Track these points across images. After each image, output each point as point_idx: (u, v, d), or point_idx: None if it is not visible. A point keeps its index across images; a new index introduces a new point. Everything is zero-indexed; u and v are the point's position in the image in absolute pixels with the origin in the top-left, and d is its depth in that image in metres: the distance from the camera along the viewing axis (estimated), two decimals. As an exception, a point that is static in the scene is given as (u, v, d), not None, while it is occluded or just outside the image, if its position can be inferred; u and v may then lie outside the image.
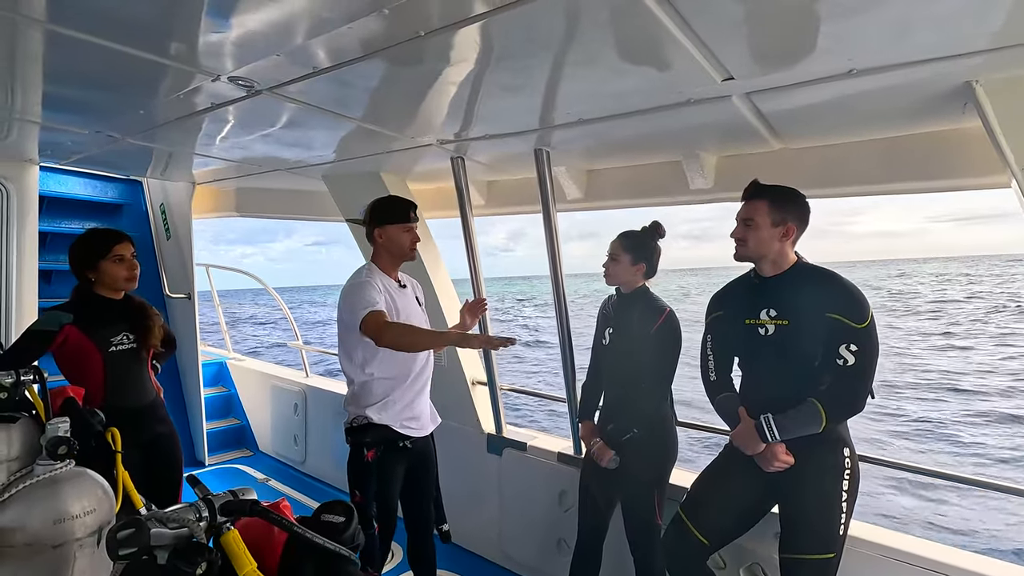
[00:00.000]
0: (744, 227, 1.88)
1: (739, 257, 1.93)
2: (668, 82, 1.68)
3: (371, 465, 2.09)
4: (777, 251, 1.86)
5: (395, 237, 2.18)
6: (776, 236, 1.84)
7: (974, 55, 1.40)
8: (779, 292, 1.86)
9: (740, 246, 1.91)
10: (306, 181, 3.62)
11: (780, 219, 1.83)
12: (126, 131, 2.57)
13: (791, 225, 1.84)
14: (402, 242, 2.19)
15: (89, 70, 1.81)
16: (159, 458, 2.28)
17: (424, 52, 1.53)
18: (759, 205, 1.85)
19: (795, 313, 1.81)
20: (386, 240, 2.18)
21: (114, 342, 2.19)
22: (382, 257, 2.22)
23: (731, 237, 1.93)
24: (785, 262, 1.88)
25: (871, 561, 1.99)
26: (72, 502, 1.00)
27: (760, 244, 1.86)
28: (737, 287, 2.05)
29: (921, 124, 1.96)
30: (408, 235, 2.20)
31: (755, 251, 1.88)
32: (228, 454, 4.95)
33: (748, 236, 1.87)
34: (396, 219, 2.19)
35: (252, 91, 1.89)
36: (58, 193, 4.23)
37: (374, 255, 2.25)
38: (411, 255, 2.22)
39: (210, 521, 0.78)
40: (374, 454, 2.10)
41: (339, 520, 0.91)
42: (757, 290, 1.93)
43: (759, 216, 1.84)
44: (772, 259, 1.88)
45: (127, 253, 2.23)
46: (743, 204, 1.91)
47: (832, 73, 1.54)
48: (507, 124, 2.24)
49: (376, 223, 2.19)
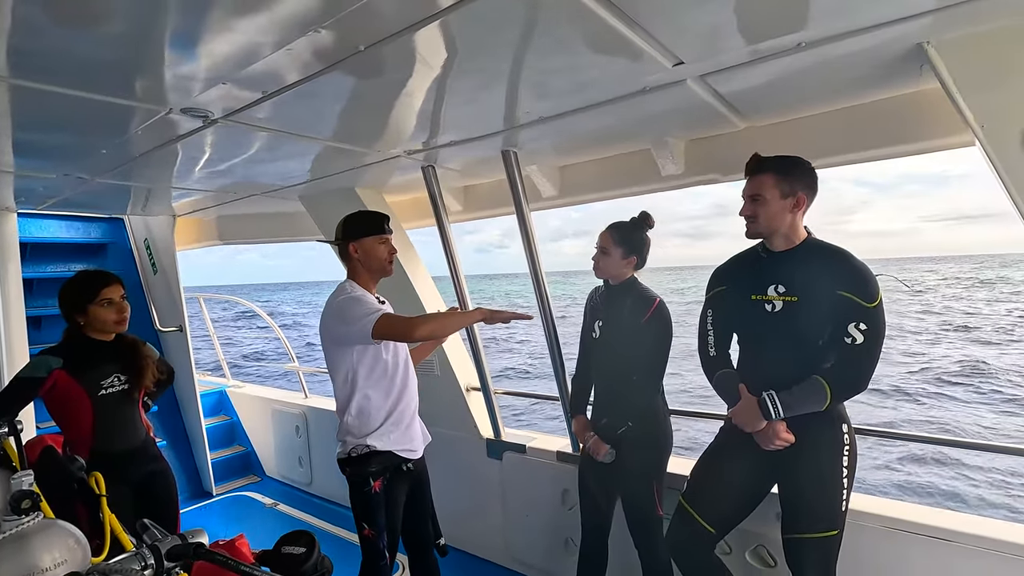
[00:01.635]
0: (752, 203, 1.82)
1: (751, 235, 1.87)
2: (622, 72, 1.67)
3: (379, 496, 2.02)
4: (789, 224, 1.80)
5: (371, 250, 2.10)
6: (787, 208, 1.78)
7: (922, 16, 1.38)
8: (789, 268, 1.81)
9: (750, 223, 1.84)
10: (284, 203, 3.62)
11: (789, 190, 1.77)
12: (93, 171, 2.57)
13: (801, 195, 1.78)
14: (379, 254, 2.11)
15: (49, 116, 1.83)
16: (152, 496, 2.26)
17: (373, 65, 1.52)
18: (764, 179, 1.80)
19: (805, 290, 1.77)
20: (362, 254, 2.11)
21: (104, 385, 2.17)
22: (360, 274, 2.14)
23: (740, 215, 1.87)
24: (796, 236, 1.83)
25: (874, 533, 1.98)
26: (42, 555, 0.98)
27: (771, 219, 1.80)
28: (742, 262, 1.99)
29: (882, 90, 1.94)
30: (384, 247, 2.13)
31: (767, 226, 1.82)
32: (236, 482, 4.94)
33: (758, 212, 1.81)
34: (371, 231, 2.12)
35: (208, 120, 1.88)
36: (40, 238, 4.23)
37: (350, 272, 2.16)
38: (389, 268, 2.15)
39: (156, 568, 0.77)
40: (381, 483, 2.03)
41: (299, 551, 0.89)
42: (765, 265, 1.87)
43: (766, 190, 1.79)
44: (784, 233, 1.82)
45: (116, 296, 2.20)
46: (748, 180, 1.85)
47: (781, 48, 1.52)
48: (472, 129, 2.23)
49: (351, 237, 2.12)
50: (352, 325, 1.93)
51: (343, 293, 2.06)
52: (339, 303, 2.02)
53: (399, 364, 2.15)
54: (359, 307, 1.95)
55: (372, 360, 2.06)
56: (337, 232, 2.18)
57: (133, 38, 1.31)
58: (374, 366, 2.07)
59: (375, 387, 2.06)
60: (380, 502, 2.02)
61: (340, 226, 2.17)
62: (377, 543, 2.02)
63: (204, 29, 1.27)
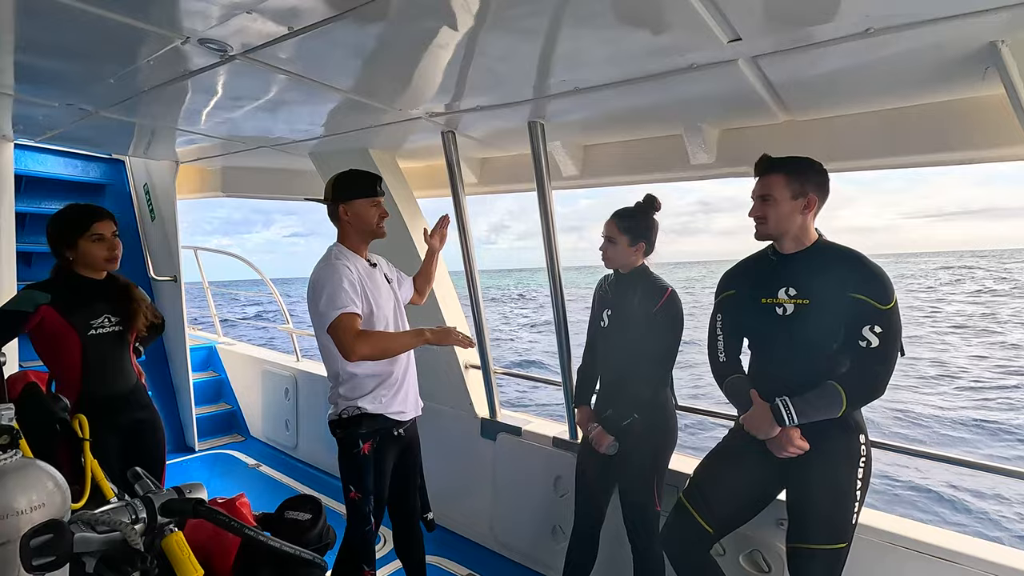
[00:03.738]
0: (762, 204, 1.77)
1: (760, 236, 1.82)
2: (670, 45, 1.57)
3: (367, 458, 1.97)
4: (799, 225, 1.75)
5: (362, 213, 2.02)
6: (797, 209, 1.73)
7: (1002, 10, 1.29)
8: (800, 270, 1.76)
9: (760, 224, 1.79)
10: (293, 159, 3.50)
11: (799, 191, 1.72)
12: (99, 103, 2.44)
13: (812, 196, 1.73)
14: (369, 217, 2.03)
15: (56, 35, 1.70)
16: (139, 445, 2.19)
17: (410, 9, 1.41)
18: (775, 179, 1.74)
19: (817, 292, 1.72)
20: (352, 216, 2.03)
21: (94, 325, 2.08)
22: (350, 236, 2.07)
23: (749, 216, 1.82)
24: (807, 238, 1.77)
25: (878, 549, 1.94)
26: (17, 496, 0.90)
27: (781, 220, 1.75)
28: (752, 265, 1.94)
29: (935, 93, 1.86)
30: (376, 209, 2.05)
31: (776, 228, 1.77)
32: (219, 439, 4.88)
33: (767, 213, 1.76)
34: (362, 193, 2.03)
35: (225, 56, 1.77)
36: (36, 172, 4.08)
37: (340, 235, 2.09)
38: (380, 231, 2.07)
39: (148, 523, 0.69)
40: (370, 446, 1.98)
41: (305, 518, 0.82)
42: (775, 268, 1.82)
43: (776, 190, 1.73)
44: (794, 235, 1.77)
45: (107, 232, 2.11)
46: (757, 181, 1.80)
47: (847, 33, 1.43)
48: (500, 94, 2.12)
49: (341, 199, 2.03)
50: (318, 310, 1.89)
51: (327, 260, 1.99)
52: (320, 273, 1.95)
53: (390, 327, 2.08)
54: (333, 293, 1.88)
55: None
56: (326, 191, 2.09)
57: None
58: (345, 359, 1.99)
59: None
60: (369, 464, 1.99)
61: (329, 185, 2.07)
62: (363, 506, 1.98)
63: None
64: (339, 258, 2.00)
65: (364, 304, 1.97)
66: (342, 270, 1.93)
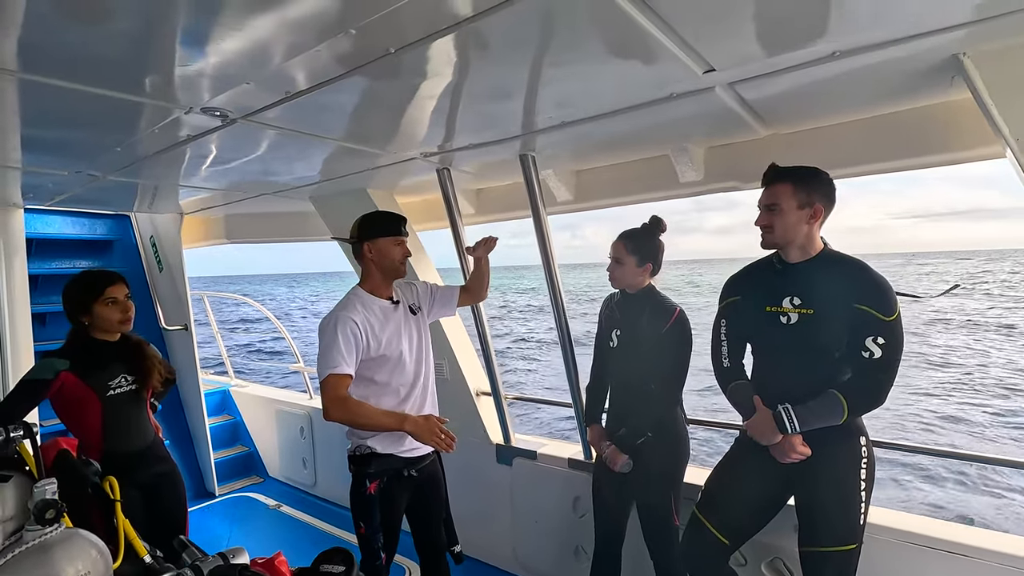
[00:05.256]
0: (768, 213, 1.80)
1: (766, 245, 1.84)
2: (649, 79, 1.65)
3: (373, 498, 2.02)
4: (805, 235, 1.77)
5: (386, 251, 2.09)
6: (803, 219, 1.75)
7: (960, 27, 1.36)
8: (805, 280, 1.79)
9: (766, 233, 1.81)
10: (294, 203, 3.59)
11: (806, 200, 1.75)
12: (106, 169, 2.54)
13: (818, 206, 1.75)
14: (394, 256, 2.10)
15: (63, 113, 1.80)
16: (161, 498, 2.23)
17: (398, 68, 1.49)
18: (782, 188, 1.77)
19: (821, 302, 1.74)
20: (376, 254, 2.10)
21: (112, 386, 2.14)
22: (373, 276, 2.13)
23: (756, 225, 1.85)
24: (813, 247, 1.80)
25: (892, 547, 1.96)
26: (65, 566, 0.96)
27: (787, 229, 1.77)
28: (757, 272, 1.96)
29: (909, 100, 1.92)
30: (400, 248, 2.12)
31: (782, 237, 1.79)
32: (238, 482, 4.90)
33: (774, 222, 1.78)
34: (388, 232, 2.11)
35: (227, 120, 1.85)
36: (46, 234, 4.19)
37: (364, 276, 2.16)
38: (402, 271, 2.14)
39: (198, 590, 0.74)
40: (376, 487, 2.03)
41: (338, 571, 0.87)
42: (780, 276, 1.85)
43: (783, 200, 1.76)
44: (800, 244, 1.79)
45: (120, 295, 2.17)
46: (764, 190, 1.83)
47: (815, 57, 1.50)
48: (490, 132, 2.20)
49: (366, 237, 2.10)
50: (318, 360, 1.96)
51: (334, 311, 2.05)
52: (323, 327, 2.01)
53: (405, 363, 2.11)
54: (330, 349, 1.94)
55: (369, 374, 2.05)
56: (352, 231, 2.17)
57: (155, 36, 1.28)
58: (369, 380, 2.06)
59: (374, 397, 2.05)
60: (374, 503, 2.03)
61: (356, 225, 2.16)
62: (372, 542, 2.02)
63: (229, 28, 1.24)
64: (346, 308, 2.04)
65: (372, 348, 2.01)
66: (343, 323, 1.98)
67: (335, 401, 1.91)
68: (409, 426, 1.91)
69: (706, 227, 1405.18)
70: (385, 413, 1.97)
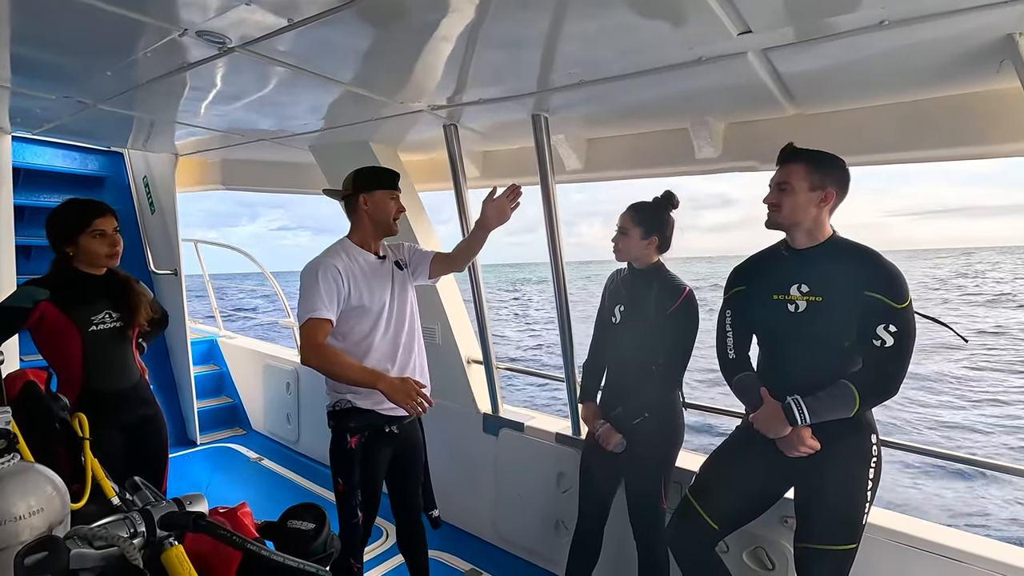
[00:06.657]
0: (779, 191, 1.73)
1: (771, 224, 1.78)
2: (679, 37, 1.54)
3: (354, 452, 1.97)
4: (813, 219, 1.71)
5: (382, 204, 2.06)
6: (813, 201, 1.69)
7: (1020, 2, 1.26)
8: (813, 266, 1.72)
9: (773, 211, 1.75)
10: (293, 152, 3.46)
11: (819, 183, 1.68)
12: (96, 96, 2.41)
13: (830, 190, 1.69)
14: (388, 209, 2.07)
15: (53, 28, 1.66)
16: (143, 442, 2.17)
17: (412, 1, 1.38)
18: (796, 168, 1.70)
19: (830, 290, 1.68)
20: (372, 207, 2.05)
21: (95, 320, 2.06)
22: (364, 228, 2.09)
23: (764, 202, 1.78)
24: (821, 233, 1.73)
25: (887, 548, 1.92)
26: (16, 501, 0.88)
27: (795, 210, 1.70)
28: (763, 260, 1.90)
29: (948, 86, 1.82)
30: (394, 203, 2.09)
31: (789, 217, 1.72)
32: (220, 433, 4.88)
33: (783, 201, 1.71)
34: (384, 185, 2.07)
35: (224, 48, 1.73)
36: (34, 165, 4.05)
37: (353, 228, 2.12)
38: (394, 227, 2.09)
39: (147, 537, 0.67)
40: (357, 441, 1.98)
41: (308, 527, 0.80)
42: (787, 263, 1.78)
43: (796, 180, 1.69)
44: (807, 228, 1.72)
45: (109, 227, 2.08)
46: (778, 168, 1.76)
47: (861, 25, 1.39)
48: (503, 87, 2.09)
49: (363, 189, 2.06)
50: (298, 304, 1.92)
51: (316, 258, 2.00)
52: (303, 272, 1.97)
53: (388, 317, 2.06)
54: (310, 295, 1.90)
55: (347, 327, 2.00)
56: (346, 183, 2.10)
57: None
58: (348, 333, 2.00)
59: (355, 348, 1.99)
60: (355, 458, 1.99)
61: (350, 177, 2.10)
62: (350, 499, 1.98)
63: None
64: (331, 254, 2.00)
65: (352, 297, 1.96)
66: (325, 268, 1.94)
67: (313, 348, 1.86)
68: (383, 385, 1.78)
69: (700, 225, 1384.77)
70: (362, 368, 1.88)
